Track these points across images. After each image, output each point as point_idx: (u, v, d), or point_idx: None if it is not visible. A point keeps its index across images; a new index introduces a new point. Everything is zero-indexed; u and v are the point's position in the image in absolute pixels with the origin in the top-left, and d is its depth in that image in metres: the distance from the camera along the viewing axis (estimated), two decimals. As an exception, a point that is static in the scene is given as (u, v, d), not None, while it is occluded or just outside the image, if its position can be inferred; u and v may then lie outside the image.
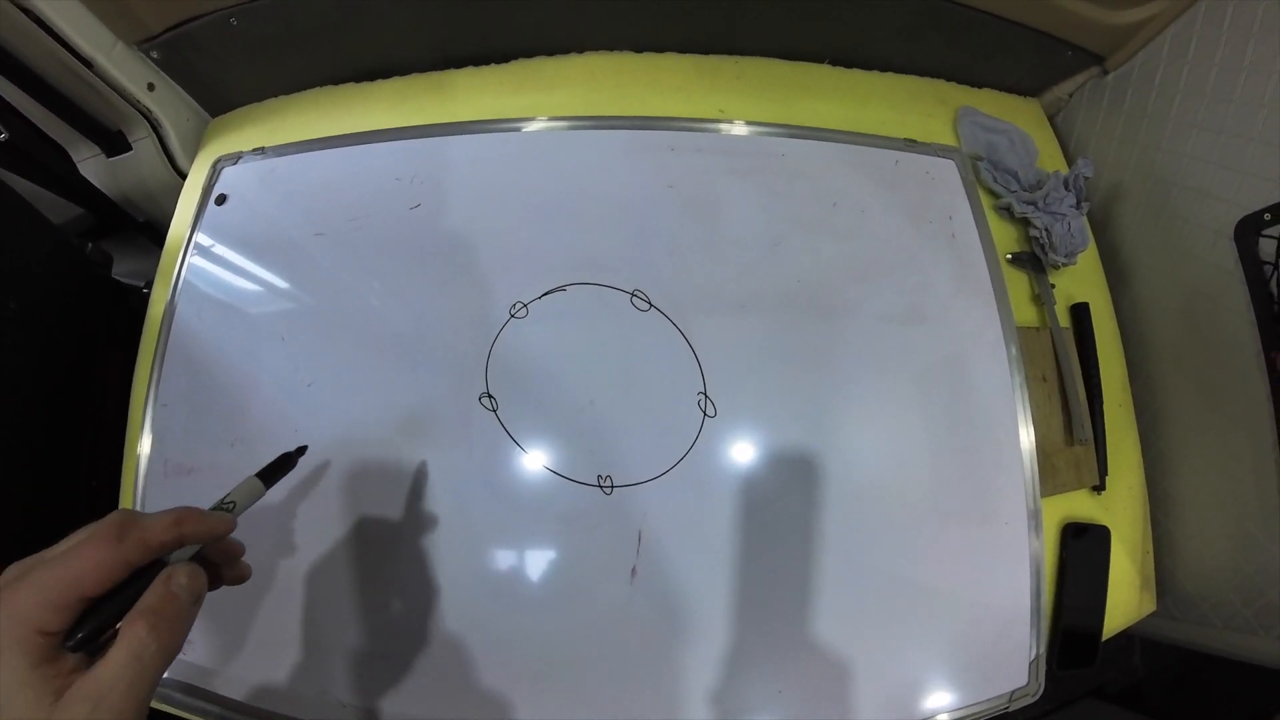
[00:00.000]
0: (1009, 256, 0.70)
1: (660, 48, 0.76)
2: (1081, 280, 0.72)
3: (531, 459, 0.58)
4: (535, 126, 0.68)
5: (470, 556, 0.56)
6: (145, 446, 0.61)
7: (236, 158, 0.69)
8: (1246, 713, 0.67)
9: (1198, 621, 0.65)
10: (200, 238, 0.66)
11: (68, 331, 0.66)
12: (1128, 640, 0.72)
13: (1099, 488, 0.66)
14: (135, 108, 0.71)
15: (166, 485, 0.60)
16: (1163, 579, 0.68)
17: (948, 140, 0.74)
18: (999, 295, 0.65)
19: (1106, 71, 0.75)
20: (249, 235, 0.65)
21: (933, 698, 0.57)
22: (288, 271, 0.64)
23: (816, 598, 0.57)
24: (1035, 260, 0.70)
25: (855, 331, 0.63)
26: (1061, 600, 0.63)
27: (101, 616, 0.29)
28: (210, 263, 0.65)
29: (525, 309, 0.61)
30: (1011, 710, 0.59)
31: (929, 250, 0.66)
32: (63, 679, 0.27)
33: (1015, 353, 0.64)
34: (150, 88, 0.70)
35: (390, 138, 0.67)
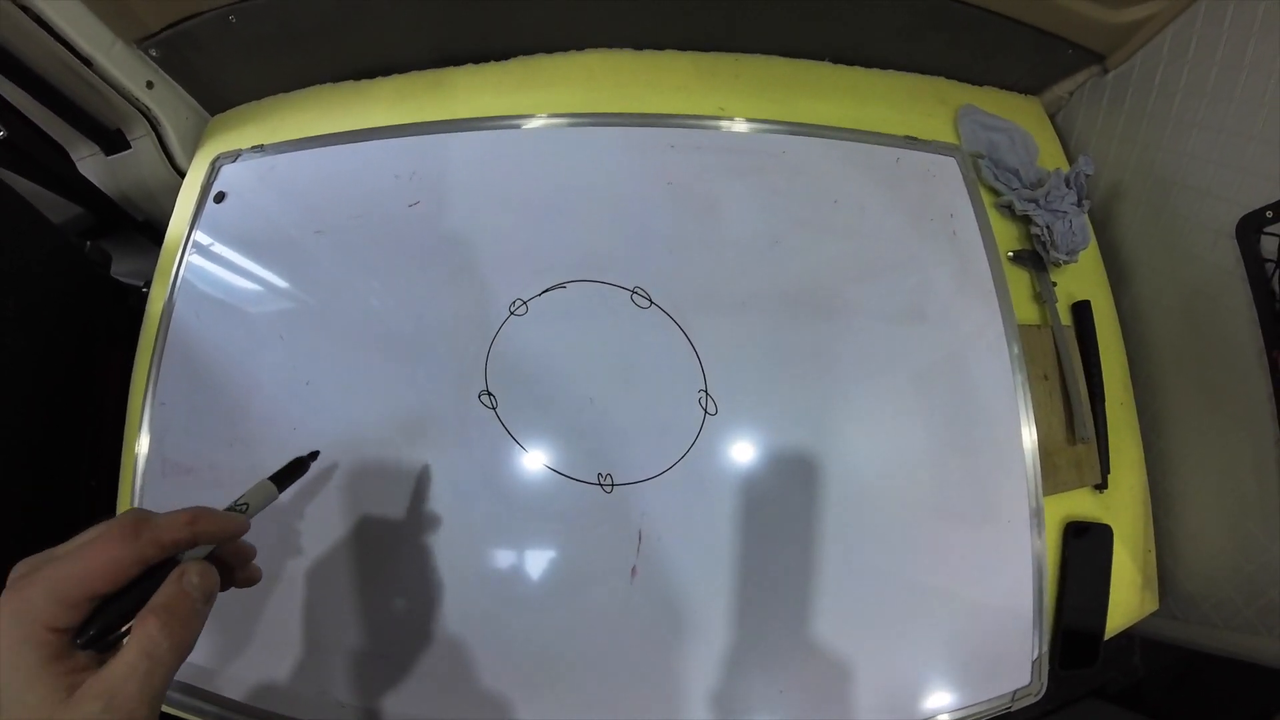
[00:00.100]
0: (1010, 254, 0.70)
1: (660, 46, 0.76)
2: (1083, 278, 0.72)
3: (531, 457, 0.57)
4: (535, 124, 0.68)
5: (469, 555, 0.56)
6: (143, 446, 0.60)
7: (235, 155, 0.69)
8: (1247, 713, 0.66)
9: (1199, 621, 0.64)
10: (199, 236, 0.66)
11: (67, 331, 0.66)
12: (1128, 640, 0.72)
13: (1101, 486, 0.66)
14: (134, 106, 0.70)
15: (165, 485, 0.59)
16: (1164, 578, 0.68)
17: (948, 138, 0.74)
18: (1000, 293, 0.65)
19: (1107, 70, 0.75)
20: (248, 233, 0.65)
21: (934, 697, 0.57)
22: (286, 270, 0.63)
23: (818, 597, 0.57)
24: (1036, 258, 0.70)
25: (856, 330, 0.62)
26: (1063, 599, 0.62)
27: (112, 614, 0.28)
28: (209, 261, 0.65)
29: (525, 306, 0.61)
30: (1014, 710, 0.59)
31: (930, 248, 0.66)
32: (74, 676, 0.27)
33: (1017, 351, 0.63)
34: (149, 86, 0.70)
35: (389, 135, 0.67)
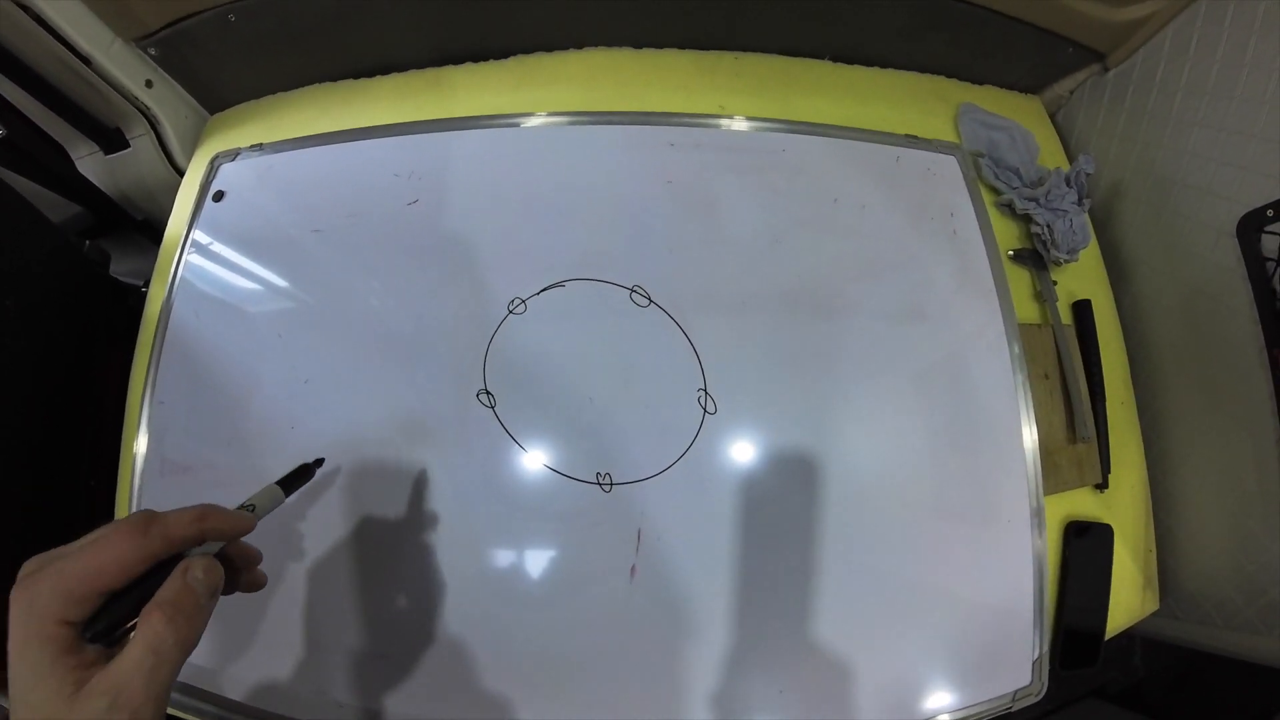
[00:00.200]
0: (1010, 253, 0.69)
1: (660, 44, 0.76)
2: (1083, 277, 0.72)
3: (530, 456, 0.57)
4: (534, 122, 0.67)
5: (468, 555, 0.56)
6: (142, 445, 0.60)
7: (234, 154, 0.69)
8: (1247, 713, 0.66)
9: (1200, 621, 0.64)
10: (198, 235, 0.65)
11: (67, 331, 0.66)
12: (1128, 640, 0.72)
13: (1101, 486, 0.66)
14: (133, 105, 0.70)
15: (163, 484, 0.59)
16: (1164, 578, 0.67)
17: (949, 137, 0.74)
18: (1001, 292, 0.65)
19: (1107, 69, 0.75)
20: (246, 232, 0.65)
21: (935, 697, 0.57)
22: (285, 268, 0.63)
23: (817, 597, 0.56)
24: (1037, 257, 0.70)
25: (856, 329, 0.62)
26: (1063, 599, 0.62)
27: (120, 608, 0.29)
28: (207, 260, 0.64)
29: (524, 305, 0.60)
30: (1014, 710, 0.59)
31: (930, 247, 0.66)
32: (82, 671, 0.27)
33: (1017, 350, 0.63)
34: (148, 85, 0.70)
35: (388, 134, 0.67)
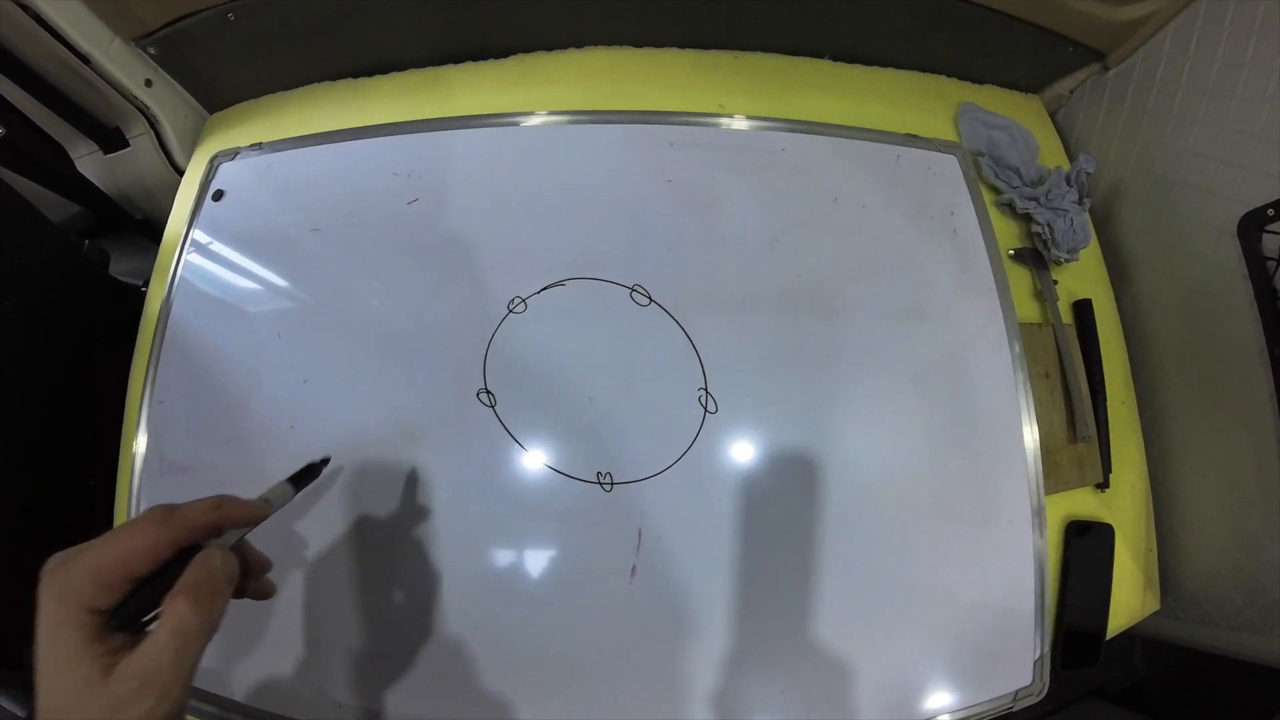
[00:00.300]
0: (1011, 253, 0.69)
1: (659, 44, 0.76)
2: (1083, 277, 0.72)
3: (530, 456, 0.57)
4: (534, 121, 0.67)
5: (468, 555, 0.55)
6: (141, 445, 0.60)
7: (234, 153, 0.68)
8: (1248, 713, 0.66)
9: (1200, 620, 0.64)
10: (197, 234, 0.65)
11: (66, 331, 0.66)
12: (1129, 640, 0.71)
13: (1102, 485, 0.66)
14: (133, 104, 0.70)
15: (162, 483, 0.59)
16: (1165, 578, 0.67)
17: (949, 136, 0.74)
18: (1001, 291, 0.65)
19: (1108, 68, 0.75)
20: (246, 231, 0.65)
21: (936, 697, 0.57)
22: (284, 267, 0.63)
23: (818, 596, 0.56)
24: (1037, 256, 0.69)
25: (857, 328, 0.62)
26: (1064, 599, 0.62)
27: (147, 594, 0.30)
28: (207, 259, 0.64)
29: (524, 304, 0.60)
30: (1015, 710, 0.59)
31: (931, 246, 0.66)
32: (111, 656, 0.28)
33: (1018, 349, 0.63)
34: (148, 84, 0.70)
35: (388, 133, 0.67)
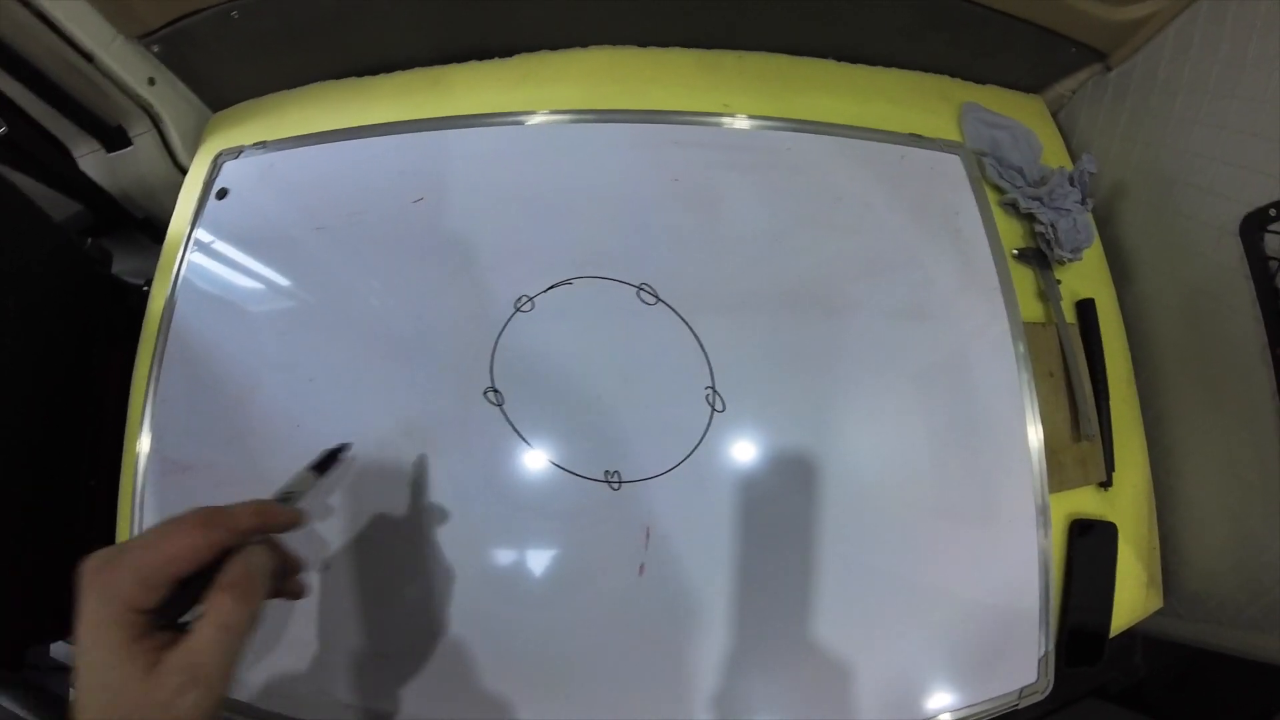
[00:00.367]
0: (1014, 252, 0.69)
1: (664, 43, 0.76)
2: (1086, 276, 0.72)
3: (537, 455, 0.57)
4: (539, 120, 0.67)
5: (474, 554, 0.55)
6: (144, 444, 0.60)
7: (238, 152, 0.68)
8: (1249, 712, 0.67)
9: (1203, 619, 0.64)
10: (200, 233, 0.65)
11: (67, 330, 0.66)
12: (1129, 639, 0.72)
13: (1105, 484, 0.66)
14: (136, 102, 0.70)
15: (165, 482, 0.59)
16: (1167, 576, 0.67)
17: (952, 136, 0.74)
18: (1005, 291, 0.65)
19: (1109, 68, 0.75)
20: (250, 230, 0.65)
21: (942, 695, 0.57)
22: (289, 266, 0.63)
23: (825, 595, 0.56)
24: (1041, 256, 0.70)
25: (863, 328, 0.62)
26: (1068, 597, 0.62)
27: (190, 593, 0.31)
28: (211, 258, 0.64)
29: (530, 303, 0.60)
30: (1020, 707, 0.59)
31: (935, 246, 0.66)
32: (155, 654, 0.29)
33: (1022, 349, 0.63)
34: (151, 82, 0.69)
35: (392, 131, 0.67)
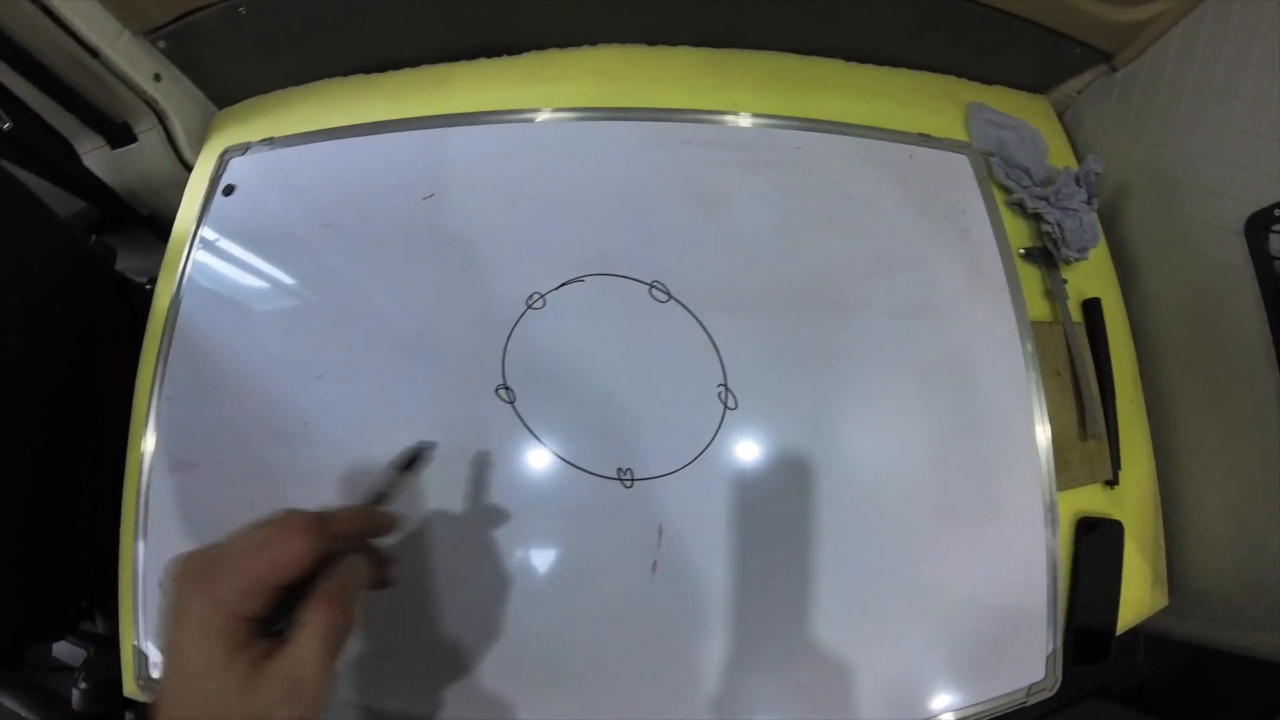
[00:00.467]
0: (1021, 252, 0.70)
1: (672, 42, 0.76)
2: (1092, 276, 0.72)
3: (549, 452, 0.57)
4: (549, 118, 0.67)
5: (483, 551, 0.55)
6: (149, 443, 0.59)
7: (244, 148, 0.68)
8: (1252, 712, 0.67)
9: (1206, 617, 0.65)
10: (207, 230, 0.64)
11: (70, 327, 0.65)
12: (1132, 638, 0.72)
13: (1112, 482, 0.66)
14: (141, 98, 0.69)
15: (172, 481, 0.58)
16: (1171, 575, 0.68)
17: (959, 136, 0.74)
18: (1014, 290, 0.65)
19: (1115, 69, 0.76)
20: (257, 227, 0.64)
21: (951, 692, 0.57)
22: (297, 263, 0.63)
23: (838, 593, 0.56)
24: (1047, 255, 0.70)
25: (873, 325, 0.62)
26: (1075, 595, 0.62)
27: (291, 602, 0.31)
28: (217, 255, 0.64)
29: (543, 300, 0.60)
30: (1028, 704, 0.59)
31: (944, 245, 0.66)
32: (254, 663, 0.29)
33: (1030, 348, 0.63)
34: (157, 78, 0.69)
35: (401, 128, 0.66)
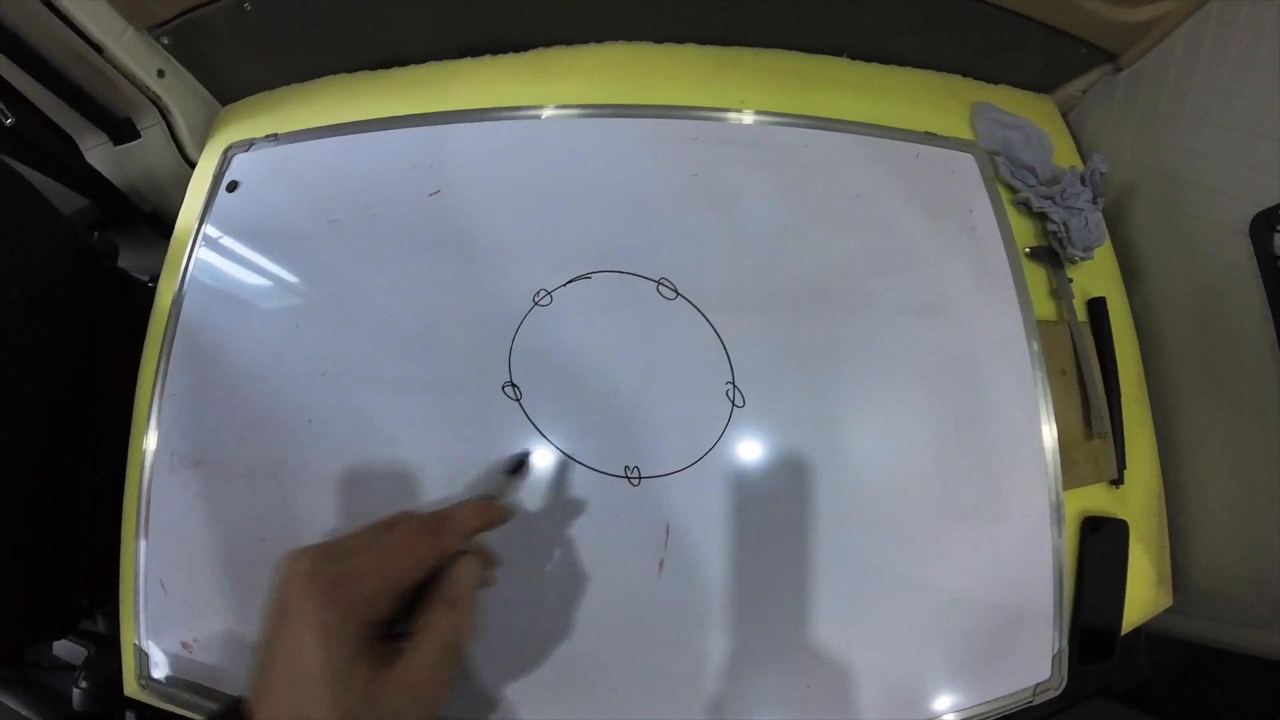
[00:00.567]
0: (1027, 250, 0.70)
1: (679, 40, 0.75)
2: (1097, 275, 0.72)
3: (556, 450, 0.56)
4: (555, 114, 0.67)
5: (490, 549, 0.55)
6: (151, 442, 0.59)
7: (248, 145, 0.67)
8: (1255, 711, 0.67)
9: (1210, 617, 0.65)
10: (210, 226, 0.64)
11: (72, 325, 0.64)
12: (1134, 638, 0.72)
13: (1117, 482, 0.66)
14: (145, 94, 0.69)
15: (173, 479, 0.58)
16: (1175, 574, 0.68)
17: (965, 135, 0.74)
18: (1020, 289, 0.65)
19: (1120, 69, 0.76)
20: (260, 223, 0.64)
21: (957, 692, 0.57)
22: (301, 259, 0.62)
23: (846, 593, 0.56)
24: (1053, 255, 0.70)
25: (880, 323, 0.62)
26: (1080, 594, 0.62)
27: (414, 606, 0.30)
28: (220, 252, 0.63)
29: (549, 297, 0.60)
30: (1034, 703, 0.59)
31: (950, 244, 0.66)
32: (377, 669, 0.28)
33: (1037, 347, 0.64)
34: (160, 74, 0.69)
35: (406, 124, 0.66)
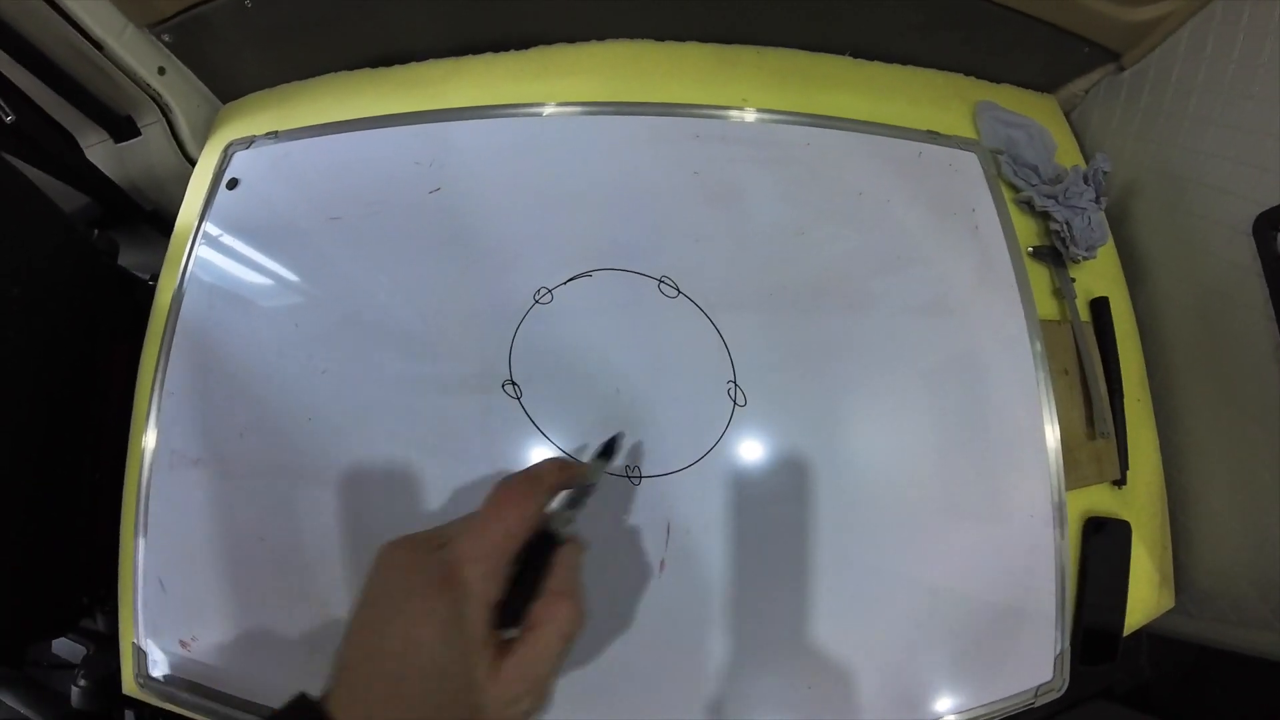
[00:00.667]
0: (1030, 250, 0.69)
1: (681, 37, 0.75)
2: (1100, 275, 0.72)
3: (556, 448, 0.56)
4: (556, 112, 0.67)
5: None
6: (150, 439, 0.59)
7: (249, 142, 0.67)
8: (1256, 712, 0.67)
9: (1213, 617, 0.64)
10: (210, 224, 0.64)
11: (72, 322, 0.64)
12: (1136, 640, 0.71)
13: (1120, 482, 0.66)
14: (145, 92, 0.69)
15: (173, 477, 0.58)
16: (1178, 574, 0.67)
17: (968, 134, 0.74)
18: (1022, 288, 0.65)
19: (1123, 68, 0.75)
20: (261, 221, 0.64)
21: (958, 692, 0.56)
22: (302, 257, 0.62)
23: (849, 592, 0.56)
24: (1056, 254, 0.70)
25: (883, 322, 0.62)
26: (1083, 595, 0.62)
27: (524, 591, 0.30)
28: (221, 249, 0.63)
29: (550, 295, 0.60)
30: (1036, 705, 0.58)
31: (953, 242, 0.66)
32: (496, 659, 0.28)
33: (1039, 347, 0.63)
34: (161, 72, 0.69)
35: (408, 122, 0.66)
